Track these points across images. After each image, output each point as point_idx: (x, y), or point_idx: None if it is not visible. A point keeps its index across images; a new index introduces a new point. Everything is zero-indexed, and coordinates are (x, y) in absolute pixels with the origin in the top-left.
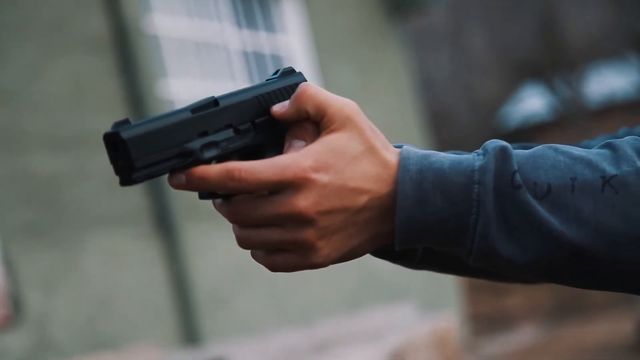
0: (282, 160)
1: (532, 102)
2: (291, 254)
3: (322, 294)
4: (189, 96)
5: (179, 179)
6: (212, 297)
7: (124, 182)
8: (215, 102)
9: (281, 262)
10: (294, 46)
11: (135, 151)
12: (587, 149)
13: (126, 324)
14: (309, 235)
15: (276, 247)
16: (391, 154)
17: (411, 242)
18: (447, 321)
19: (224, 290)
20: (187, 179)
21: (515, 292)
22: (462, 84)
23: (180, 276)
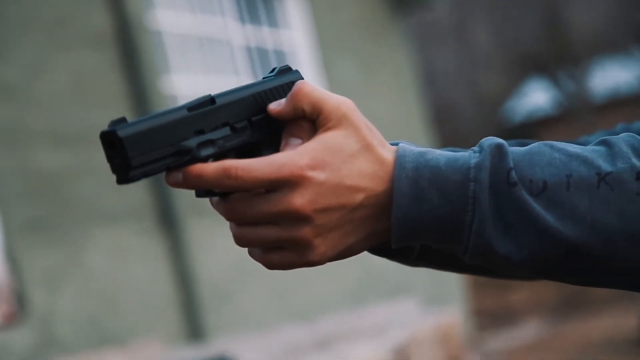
0: (279, 158)
1: (537, 96)
2: (288, 251)
3: (326, 289)
4: (192, 92)
5: (175, 177)
6: (216, 293)
7: (120, 181)
8: (211, 100)
9: (278, 259)
10: (297, 41)
11: (131, 150)
12: (582, 146)
13: (130, 320)
14: (305, 233)
15: (273, 244)
16: (387, 152)
17: (407, 239)
18: (451, 316)
19: (228, 286)
20: (183, 177)
21: (519, 287)
22: (467, 79)
23: (184, 272)
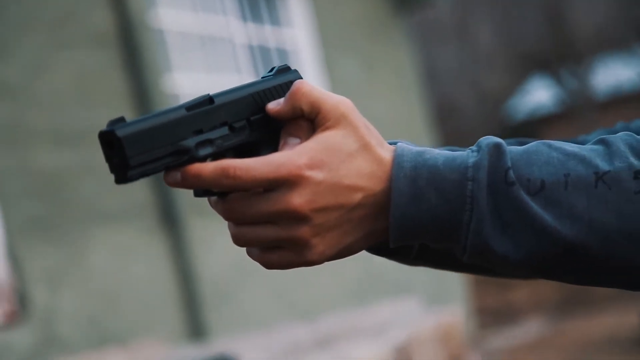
0: (277, 157)
1: (539, 94)
2: (286, 251)
3: (327, 288)
4: (194, 90)
5: (174, 177)
6: (217, 292)
7: (119, 180)
8: (210, 99)
9: (276, 259)
10: (300, 40)
11: (130, 149)
12: (580, 145)
13: (131, 319)
14: (303, 232)
15: (271, 244)
16: (386, 151)
17: (405, 239)
18: (453, 315)
19: (229, 285)
20: (182, 176)
21: (520, 285)
22: (469, 77)
23: (185, 271)
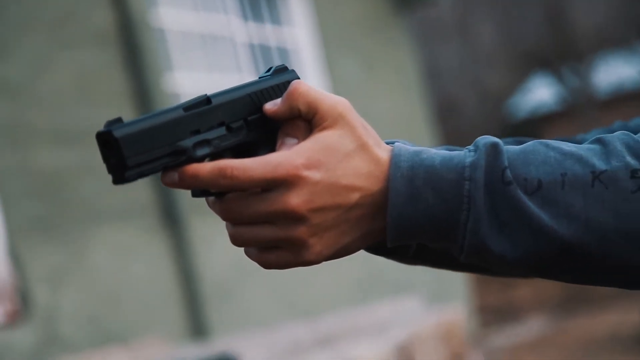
0: (275, 157)
1: (541, 92)
2: (284, 251)
3: (329, 287)
4: (195, 89)
5: (171, 177)
6: (219, 291)
7: (116, 181)
8: (207, 100)
9: (274, 259)
10: (300, 39)
11: (127, 150)
12: (577, 145)
13: (133, 318)
14: (301, 232)
15: (269, 244)
16: (383, 151)
17: (403, 238)
18: (454, 313)
19: (230, 284)
20: (179, 177)
21: (522, 284)
22: (470, 76)
23: (187, 270)
